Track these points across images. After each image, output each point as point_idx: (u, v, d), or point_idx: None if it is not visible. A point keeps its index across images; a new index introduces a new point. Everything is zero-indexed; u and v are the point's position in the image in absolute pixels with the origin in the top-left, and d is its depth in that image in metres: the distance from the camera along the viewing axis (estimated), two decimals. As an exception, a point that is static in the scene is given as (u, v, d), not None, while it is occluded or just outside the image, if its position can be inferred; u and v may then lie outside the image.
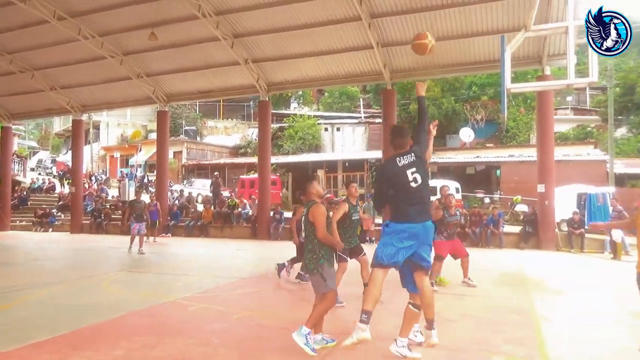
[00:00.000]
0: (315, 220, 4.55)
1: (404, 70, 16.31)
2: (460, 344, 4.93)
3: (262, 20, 15.39)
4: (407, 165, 4.34)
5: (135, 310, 6.40)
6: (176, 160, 33.25)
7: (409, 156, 4.39)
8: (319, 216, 4.55)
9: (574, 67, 8.77)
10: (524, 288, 8.14)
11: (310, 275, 4.72)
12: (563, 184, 15.72)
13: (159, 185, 20.20)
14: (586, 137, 29.38)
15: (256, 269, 10.40)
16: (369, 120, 34.22)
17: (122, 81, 19.40)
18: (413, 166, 4.35)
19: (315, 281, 4.64)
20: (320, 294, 4.65)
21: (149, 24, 15.77)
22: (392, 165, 4.39)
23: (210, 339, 5.07)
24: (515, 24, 13.20)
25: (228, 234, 18.25)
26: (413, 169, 4.33)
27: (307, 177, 6.43)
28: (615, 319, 6.10)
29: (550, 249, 13.66)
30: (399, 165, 4.35)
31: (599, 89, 34.13)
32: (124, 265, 11.25)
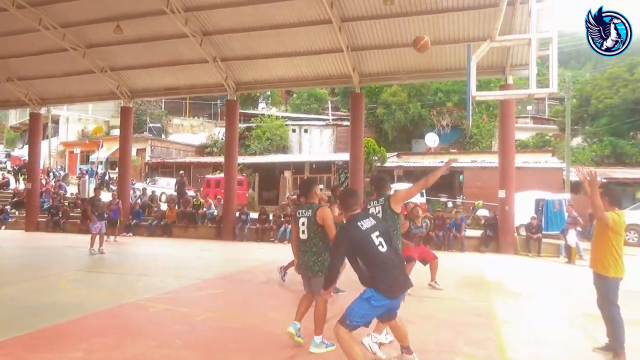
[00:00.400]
0: (325, 223, 4.66)
1: (373, 75, 16.50)
2: (423, 346, 5.01)
3: (232, 18, 15.24)
4: (371, 229, 3.94)
5: (94, 312, 6.20)
6: (139, 158, 32.45)
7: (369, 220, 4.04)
8: (328, 219, 4.67)
9: (535, 78, 9.13)
10: (485, 291, 8.36)
11: (314, 277, 4.75)
12: (522, 190, 16.25)
13: (121, 183, 19.65)
14: (544, 145, 30.55)
15: (220, 270, 10.26)
16: (336, 122, 34.45)
17: (85, 75, 18.78)
18: (376, 230, 3.95)
19: (317, 283, 4.64)
20: (316, 295, 4.70)
21: (114, 17, 15.34)
22: (353, 230, 3.94)
23: (173, 341, 4.97)
24: (481, 34, 13.58)
25: (192, 234, 17.93)
26: (377, 233, 3.93)
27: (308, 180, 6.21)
28: (570, 322, 6.36)
29: (509, 253, 14.09)
30: (362, 229, 3.93)
31: (557, 100, 35.58)
32: (83, 264, 10.87)
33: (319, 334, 4.72)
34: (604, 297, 4.83)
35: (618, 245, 4.74)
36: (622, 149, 28.67)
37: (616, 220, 4.70)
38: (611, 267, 4.73)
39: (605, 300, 4.82)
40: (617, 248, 4.73)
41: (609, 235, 4.74)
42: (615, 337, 4.74)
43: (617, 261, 4.73)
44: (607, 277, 4.77)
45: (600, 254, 4.86)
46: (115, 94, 19.33)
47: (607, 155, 28.88)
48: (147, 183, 27.98)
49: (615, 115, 29.67)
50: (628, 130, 30.16)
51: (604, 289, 4.82)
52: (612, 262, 4.73)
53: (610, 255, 4.73)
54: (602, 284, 4.84)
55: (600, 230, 4.87)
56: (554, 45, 8.64)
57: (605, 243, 4.76)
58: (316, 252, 4.73)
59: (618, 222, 4.72)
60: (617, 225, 4.72)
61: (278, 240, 16.12)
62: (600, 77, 33.05)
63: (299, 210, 4.90)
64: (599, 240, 4.86)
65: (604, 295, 4.84)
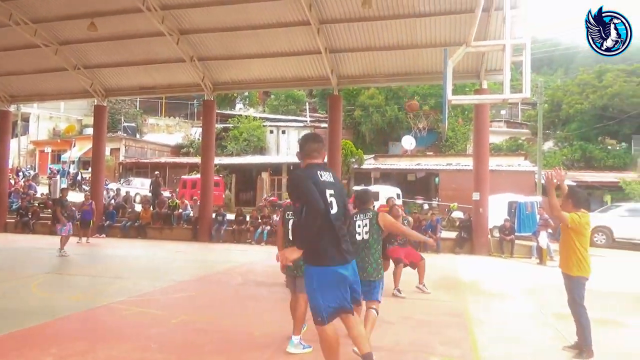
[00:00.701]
0: None
1: (351, 77, 16.59)
2: (400, 346, 5.08)
3: (209, 18, 15.10)
4: (328, 185, 3.42)
5: (65, 315, 6.06)
6: (113, 158, 31.83)
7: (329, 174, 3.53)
8: None
9: (509, 83, 9.34)
10: (459, 291, 8.51)
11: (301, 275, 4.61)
12: (496, 192, 16.59)
13: (95, 183, 19.24)
14: (517, 149, 31.25)
15: (196, 272, 10.15)
16: (314, 124, 34.49)
17: (57, 72, 18.31)
18: (332, 188, 3.43)
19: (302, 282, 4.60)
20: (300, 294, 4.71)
21: (88, 14, 14.99)
22: (314, 176, 3.38)
23: (147, 345, 4.89)
24: (457, 39, 13.80)
25: (167, 235, 17.67)
26: (332, 191, 3.41)
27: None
28: (541, 321, 6.52)
29: (483, 254, 14.36)
30: (321, 179, 3.40)
31: (529, 105, 36.40)
32: (53, 267, 10.59)
33: (297, 334, 4.78)
34: (570, 296, 4.99)
35: (582, 246, 4.85)
36: (591, 153, 29.56)
37: (576, 220, 4.81)
38: (575, 266, 4.87)
39: (571, 299, 4.98)
40: (580, 248, 4.85)
41: (571, 236, 4.87)
42: (582, 336, 4.89)
43: (581, 261, 4.85)
44: (571, 277, 4.92)
45: (565, 254, 5.02)
46: (88, 93, 18.91)
47: (577, 159, 29.73)
48: (121, 183, 27.47)
49: (585, 120, 30.57)
50: (597, 135, 31.11)
51: (569, 288, 4.98)
52: (575, 261, 4.86)
53: (574, 255, 4.86)
54: (567, 283, 5.00)
55: (563, 230, 5.02)
56: (527, 51, 8.86)
57: (569, 243, 4.90)
58: None
59: (579, 223, 4.82)
60: (578, 225, 4.83)
61: (255, 241, 16.04)
62: (570, 83, 34.02)
63: (288, 212, 4.91)
64: (564, 241, 5.02)
65: (569, 294, 4.99)
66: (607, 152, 30.09)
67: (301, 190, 3.29)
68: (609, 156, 29.54)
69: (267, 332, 5.42)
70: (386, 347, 5.03)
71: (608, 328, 6.19)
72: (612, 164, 28.91)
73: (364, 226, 4.92)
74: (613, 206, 19.32)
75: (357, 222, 4.95)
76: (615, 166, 28.63)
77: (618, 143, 31.49)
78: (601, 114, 29.84)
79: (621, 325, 6.41)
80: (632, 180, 23.49)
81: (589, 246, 4.96)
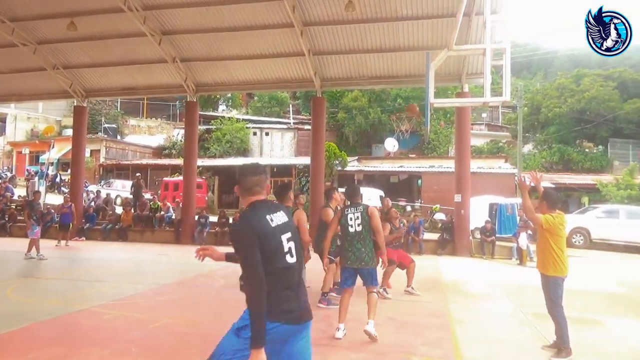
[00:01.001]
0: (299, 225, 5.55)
1: (334, 79, 16.64)
2: (382, 347, 5.11)
3: (192, 18, 14.98)
4: (282, 227, 2.65)
5: (43, 320, 5.94)
6: (93, 159, 31.32)
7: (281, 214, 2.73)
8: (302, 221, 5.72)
9: (490, 87, 9.49)
10: (441, 292, 8.59)
11: None
12: (477, 194, 16.81)
13: (74, 185, 18.88)
14: (498, 152, 31.73)
15: (179, 275, 10.05)
16: (298, 126, 34.47)
17: (35, 72, 17.93)
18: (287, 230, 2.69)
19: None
20: None
21: (68, 13, 14.72)
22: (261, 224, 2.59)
23: (129, 349, 4.83)
24: (439, 42, 13.95)
25: (149, 238, 17.44)
26: (288, 235, 2.67)
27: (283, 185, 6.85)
28: (521, 320, 6.63)
29: (464, 255, 14.52)
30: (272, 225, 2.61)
31: (509, 108, 37.04)
32: (31, 271, 10.37)
33: None
34: (547, 296, 5.09)
35: (557, 246, 4.95)
36: (570, 156, 30.17)
37: (550, 221, 4.92)
38: (550, 266, 4.97)
39: (547, 299, 5.08)
40: (555, 248, 4.95)
41: (547, 237, 4.99)
42: (559, 335, 4.99)
43: (556, 261, 4.95)
44: (547, 276, 5.03)
45: (541, 255, 5.15)
46: (68, 93, 18.58)
47: (555, 161, 30.31)
48: (102, 185, 27.06)
49: (564, 123, 31.20)
50: (574, 138, 31.79)
51: (546, 288, 5.08)
52: (551, 261, 4.96)
53: (550, 256, 4.97)
54: (544, 283, 5.11)
55: (539, 231, 5.15)
56: (507, 55, 9.02)
57: (544, 244, 5.02)
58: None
59: (552, 223, 4.93)
60: (552, 226, 4.93)
61: (238, 244, 15.92)
62: (549, 87, 34.70)
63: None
64: (540, 242, 5.14)
65: (546, 294, 5.09)
66: (584, 154, 30.75)
67: (242, 251, 2.54)
68: (587, 159, 30.20)
69: (250, 335, 5.39)
70: (369, 348, 5.06)
71: (588, 327, 6.33)
72: (590, 167, 29.55)
73: (355, 219, 5.31)
74: (590, 208, 19.73)
75: (349, 215, 5.36)
76: (593, 168, 29.28)
77: (595, 146, 32.22)
78: (579, 118, 30.51)
79: (600, 325, 6.55)
80: (608, 182, 24.03)
81: (565, 246, 5.06)
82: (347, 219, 5.36)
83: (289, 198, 5.46)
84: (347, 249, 5.39)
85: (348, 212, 5.38)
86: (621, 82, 31.97)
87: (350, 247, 5.33)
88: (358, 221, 5.29)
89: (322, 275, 6.97)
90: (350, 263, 5.32)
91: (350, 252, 5.32)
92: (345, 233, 5.41)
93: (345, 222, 5.37)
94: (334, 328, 5.66)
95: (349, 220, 5.34)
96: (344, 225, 5.38)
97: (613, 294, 9.07)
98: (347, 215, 5.38)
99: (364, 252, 5.24)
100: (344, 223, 5.38)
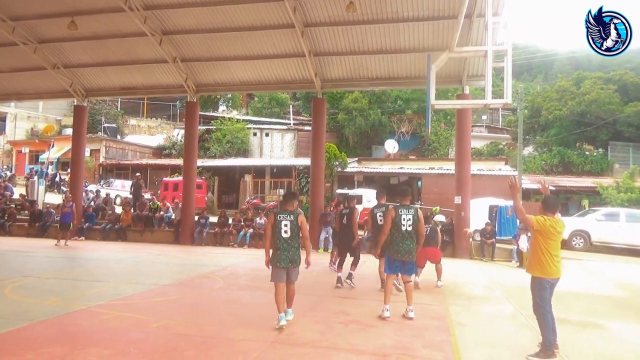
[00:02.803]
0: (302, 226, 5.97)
1: (335, 80, 16.63)
2: (383, 349, 5.09)
3: (193, 19, 14.98)
4: None
5: (42, 320, 5.92)
6: (93, 159, 31.29)
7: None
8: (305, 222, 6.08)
9: (490, 89, 9.48)
10: (441, 294, 8.57)
11: (295, 266, 5.91)
12: (477, 196, 16.79)
13: (74, 184, 18.86)
14: (498, 154, 31.71)
15: (178, 276, 10.02)
16: (298, 127, 34.45)
17: (36, 71, 17.95)
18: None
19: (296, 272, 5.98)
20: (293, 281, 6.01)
21: (69, 12, 14.74)
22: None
23: (128, 349, 4.81)
24: (440, 44, 13.95)
25: (148, 238, 17.42)
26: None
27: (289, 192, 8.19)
28: (521, 323, 6.61)
29: (464, 257, 14.50)
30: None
31: (510, 110, 37.03)
32: (30, 270, 10.33)
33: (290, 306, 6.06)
34: (532, 296, 5.14)
35: (546, 248, 4.98)
36: (570, 159, 30.15)
37: (541, 222, 4.98)
38: (536, 267, 5.04)
39: (532, 299, 5.14)
40: (544, 250, 4.98)
41: (537, 238, 5.04)
42: (542, 335, 5.05)
43: (542, 262, 4.98)
44: (533, 277, 5.11)
45: (530, 256, 5.26)
46: (68, 92, 18.58)
47: (555, 164, 30.29)
48: (101, 185, 27.02)
49: (564, 126, 31.18)
50: (575, 141, 31.76)
51: (532, 288, 5.15)
52: (537, 262, 5.02)
53: (537, 256, 5.04)
54: (531, 284, 5.18)
55: (531, 233, 5.26)
56: (509, 57, 9.01)
57: (534, 245, 5.10)
58: (298, 248, 5.91)
59: (543, 224, 4.98)
60: (543, 227, 4.97)
61: (237, 244, 15.93)
62: (550, 90, 34.66)
63: (280, 215, 5.94)
64: (532, 243, 5.26)
65: (532, 294, 5.15)
66: (584, 157, 30.73)
67: None
68: (587, 161, 30.18)
69: (249, 337, 5.39)
70: (370, 350, 5.04)
71: (587, 330, 6.31)
72: (590, 169, 29.53)
73: (407, 220, 6.42)
74: (590, 211, 19.71)
75: (403, 216, 6.43)
76: (593, 171, 29.26)
77: (595, 149, 32.19)
78: (579, 120, 30.49)
79: (600, 328, 6.53)
80: (608, 185, 24.03)
81: (557, 250, 5.07)
82: (402, 219, 6.41)
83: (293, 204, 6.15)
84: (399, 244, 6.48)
85: (402, 213, 6.44)
86: (622, 85, 31.94)
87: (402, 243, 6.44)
88: (410, 222, 6.41)
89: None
90: (400, 255, 6.41)
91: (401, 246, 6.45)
92: (398, 231, 6.42)
93: (399, 221, 6.41)
94: (332, 330, 5.66)
95: (403, 221, 6.40)
96: (397, 225, 6.40)
97: (613, 297, 9.06)
98: (401, 216, 6.42)
99: (412, 247, 6.46)
100: (397, 223, 6.40)
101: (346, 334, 5.59)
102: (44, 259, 11.66)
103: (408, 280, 6.59)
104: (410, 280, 6.62)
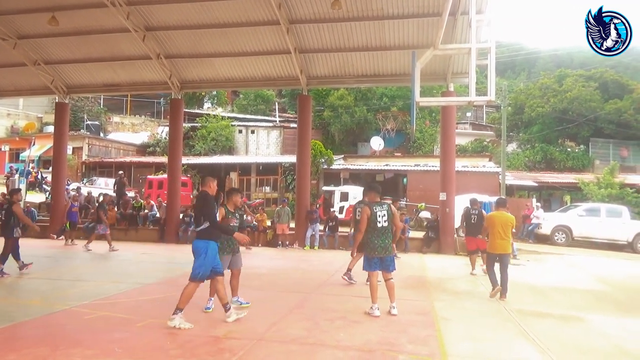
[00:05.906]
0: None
1: (320, 77, 16.61)
2: (369, 345, 5.11)
3: (177, 14, 14.82)
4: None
5: (23, 320, 5.82)
6: (75, 157, 30.82)
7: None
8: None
9: (475, 86, 9.55)
10: (427, 290, 8.64)
11: (236, 253, 6.61)
12: (461, 192, 16.94)
13: (56, 183, 18.57)
14: (482, 151, 32.05)
15: (163, 274, 9.94)
16: (283, 124, 34.36)
17: (15, 67, 17.61)
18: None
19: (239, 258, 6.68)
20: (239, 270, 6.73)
21: (49, 7, 14.46)
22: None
23: (112, 349, 4.76)
24: (425, 42, 14.03)
25: (133, 236, 17.24)
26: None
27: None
28: (505, 317, 6.70)
29: (449, 254, 14.64)
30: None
31: (494, 107, 37.44)
32: (9, 269, 10.14)
33: (235, 295, 6.74)
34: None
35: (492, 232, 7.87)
36: (552, 155, 30.62)
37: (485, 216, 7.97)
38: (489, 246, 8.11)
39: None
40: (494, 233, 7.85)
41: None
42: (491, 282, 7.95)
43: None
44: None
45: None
46: (49, 89, 18.26)
47: (538, 160, 30.73)
48: (84, 183, 26.61)
49: (546, 123, 31.63)
50: (557, 138, 32.25)
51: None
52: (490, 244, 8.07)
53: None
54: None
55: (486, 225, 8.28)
56: (492, 55, 9.09)
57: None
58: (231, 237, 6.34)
59: (489, 219, 8.06)
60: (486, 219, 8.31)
61: (223, 242, 15.82)
62: (532, 87, 35.12)
63: (374, 207, 6.47)
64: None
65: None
66: (566, 154, 31.22)
67: None
68: (569, 158, 30.68)
69: (235, 335, 5.37)
70: (355, 346, 5.06)
71: (569, 324, 6.42)
72: (572, 166, 30.03)
73: (382, 216, 6.41)
74: (572, 206, 20.05)
75: (378, 212, 6.40)
76: (575, 167, 29.76)
77: (577, 145, 32.74)
78: (561, 117, 30.95)
79: (582, 321, 6.65)
80: (589, 181, 24.45)
81: (494, 234, 7.85)
82: (377, 216, 6.37)
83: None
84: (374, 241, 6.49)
85: (377, 210, 6.42)
86: (602, 83, 32.51)
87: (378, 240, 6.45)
88: (385, 218, 6.41)
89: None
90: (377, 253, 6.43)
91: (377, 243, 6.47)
92: (374, 228, 6.38)
93: (375, 219, 6.36)
94: (318, 327, 5.67)
95: (378, 217, 6.37)
96: (373, 222, 6.36)
97: (593, 291, 9.22)
98: (376, 212, 6.38)
99: (388, 244, 6.49)
100: (373, 219, 6.35)
101: (332, 331, 5.61)
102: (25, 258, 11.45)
103: (389, 278, 6.54)
104: (391, 277, 6.55)
